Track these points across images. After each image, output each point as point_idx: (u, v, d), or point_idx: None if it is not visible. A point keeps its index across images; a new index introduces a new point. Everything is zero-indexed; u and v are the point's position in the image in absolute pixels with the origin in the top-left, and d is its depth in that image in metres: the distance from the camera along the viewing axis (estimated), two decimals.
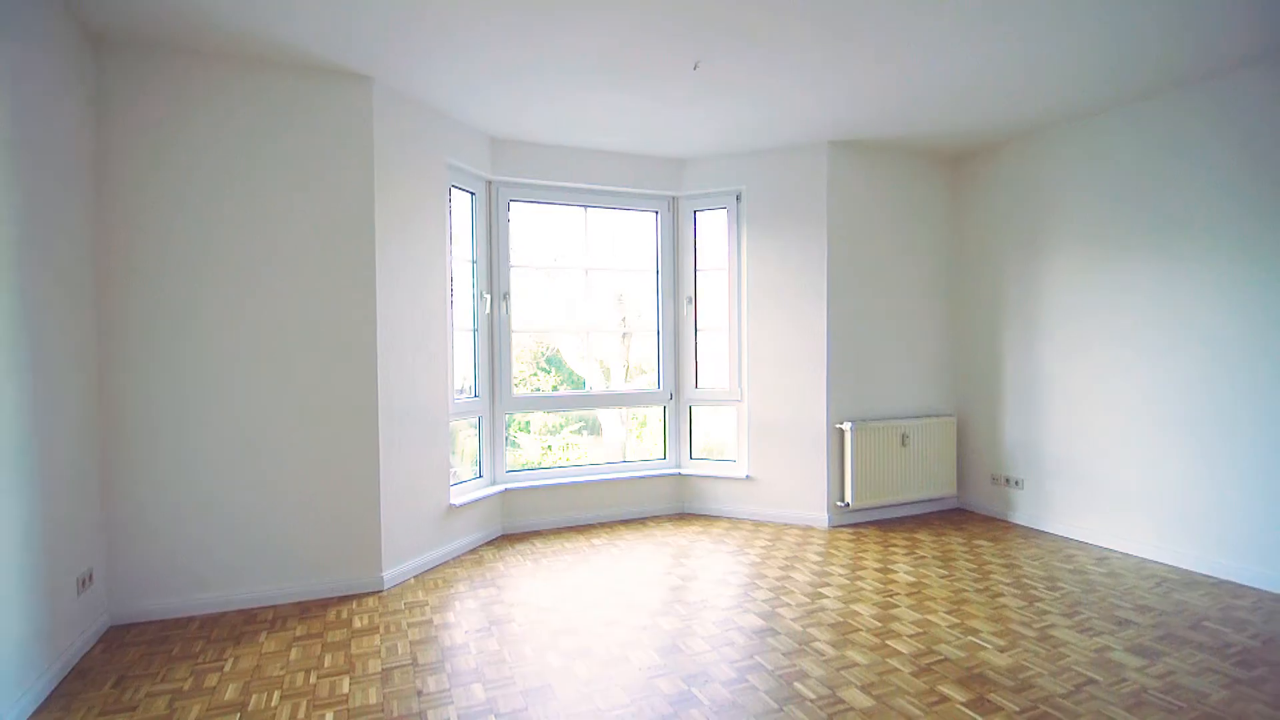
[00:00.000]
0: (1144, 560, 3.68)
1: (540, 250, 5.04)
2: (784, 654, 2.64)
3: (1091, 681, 2.40)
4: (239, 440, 3.11)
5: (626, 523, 4.59)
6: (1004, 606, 3.09)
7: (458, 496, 3.96)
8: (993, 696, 2.31)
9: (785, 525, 4.49)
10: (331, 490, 3.27)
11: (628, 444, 6.20)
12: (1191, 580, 3.37)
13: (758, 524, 4.52)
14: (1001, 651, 2.64)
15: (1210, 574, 3.43)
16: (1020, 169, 4.43)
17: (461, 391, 4.26)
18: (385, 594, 3.32)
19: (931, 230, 4.85)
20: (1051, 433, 4.25)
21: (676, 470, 4.84)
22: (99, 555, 2.87)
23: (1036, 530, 4.30)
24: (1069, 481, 4.15)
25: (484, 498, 4.14)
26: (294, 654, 2.68)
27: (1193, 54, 3.12)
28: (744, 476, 4.65)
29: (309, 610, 3.11)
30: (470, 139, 4.03)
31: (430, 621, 2.98)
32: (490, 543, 4.17)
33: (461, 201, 4.20)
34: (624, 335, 5.92)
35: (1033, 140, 4.33)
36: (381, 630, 2.90)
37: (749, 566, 3.67)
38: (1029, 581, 3.40)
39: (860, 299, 4.55)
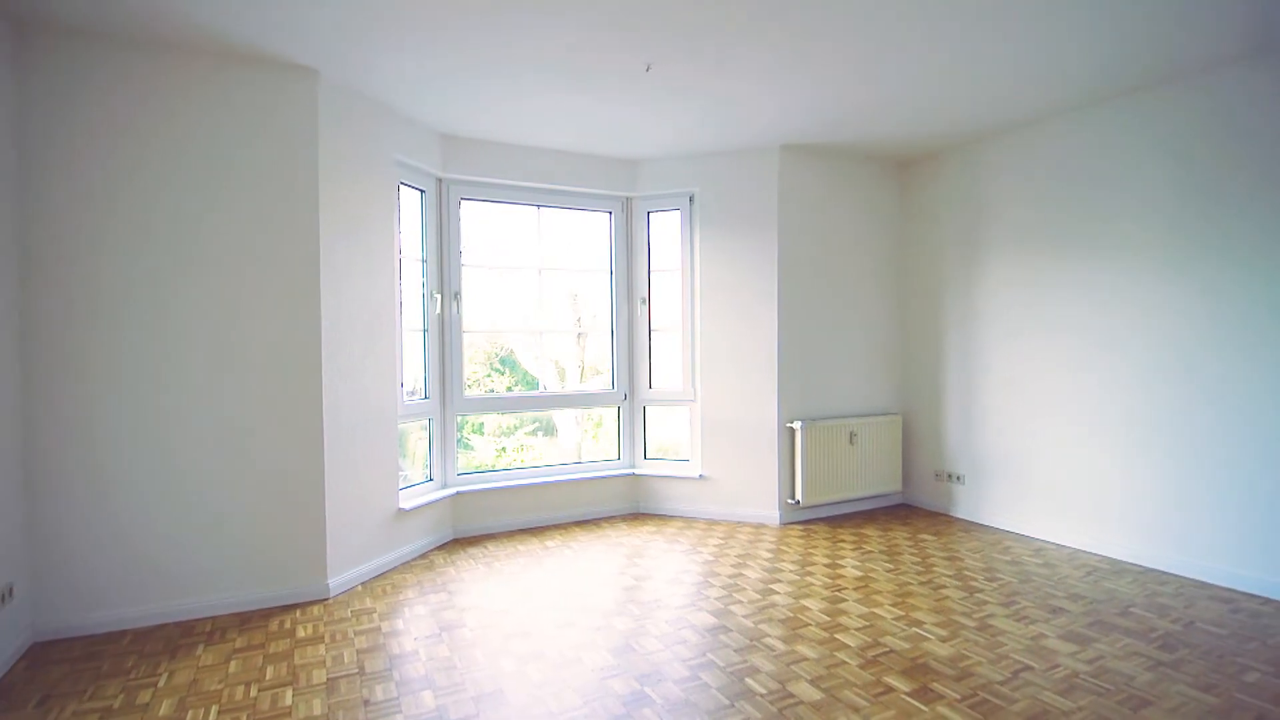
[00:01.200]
0: (1076, 551, 3.86)
1: (493, 249, 4.99)
2: (736, 650, 2.67)
3: (1027, 668, 2.51)
4: (174, 445, 2.99)
5: (581, 524, 4.58)
6: (946, 598, 3.20)
7: (407, 500, 3.88)
8: (935, 685, 2.39)
9: (738, 523, 4.55)
10: (273, 496, 3.17)
11: (583, 445, 6.18)
12: (1120, 569, 3.55)
13: (711, 522, 4.57)
14: (944, 642, 2.73)
15: (1137, 563, 3.62)
16: (962, 175, 4.59)
17: (412, 393, 4.18)
18: (331, 602, 3.23)
19: (879, 234, 4.98)
20: (990, 430, 4.42)
21: (631, 471, 4.85)
22: (20, 568, 2.71)
23: (977, 524, 4.47)
24: (1006, 477, 4.32)
25: (435, 501, 4.07)
26: (233, 666, 2.58)
27: (1120, 69, 3.29)
28: (697, 476, 4.70)
29: (250, 621, 3.01)
30: (420, 136, 3.96)
31: (378, 629, 2.92)
32: (441, 547, 4.10)
33: (411, 199, 4.12)
34: (579, 335, 5.90)
35: (973, 148, 4.50)
36: (327, 639, 2.82)
37: (702, 565, 3.71)
38: (969, 573, 3.53)
39: (810, 300, 4.64)
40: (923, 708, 2.24)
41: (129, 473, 2.92)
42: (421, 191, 4.16)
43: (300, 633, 2.88)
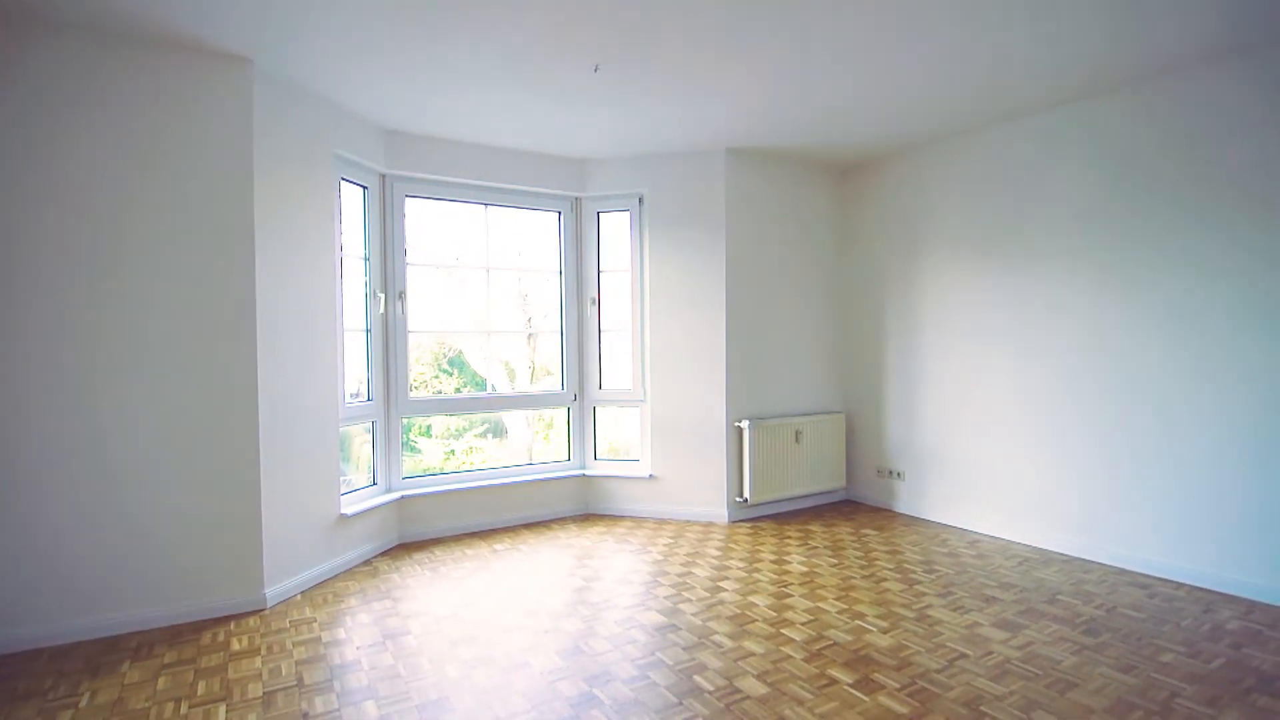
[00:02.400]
0: (1009, 542, 4.03)
1: (440, 248, 4.90)
2: (684, 648, 2.69)
3: (963, 656, 2.61)
4: (95, 452, 2.82)
5: (530, 526, 4.54)
6: (887, 590, 3.29)
7: (350, 506, 3.78)
8: (876, 676, 2.46)
9: (687, 522, 4.59)
10: (205, 504, 3.03)
11: (534, 446, 6.13)
12: (1048, 559, 3.73)
13: (661, 522, 4.59)
14: (884, 633, 2.82)
15: (1064, 553, 3.80)
16: (902, 181, 4.74)
17: (356, 395, 4.07)
18: (268, 612, 3.11)
19: (823, 237, 5.10)
20: (928, 428, 4.58)
21: (581, 472, 4.83)
22: None
23: (917, 518, 4.62)
24: (944, 473, 4.48)
25: (378, 506, 3.97)
26: (162, 683, 2.46)
27: (1053, 80, 3.45)
28: (647, 476, 4.71)
29: (180, 635, 2.87)
30: (362, 130, 3.85)
31: (318, 639, 2.83)
32: (386, 553, 4.00)
33: (353, 195, 4.01)
34: (529, 336, 5.84)
35: (912, 155, 4.65)
36: (263, 651, 2.71)
37: (652, 564, 3.72)
38: (909, 566, 3.64)
39: (757, 301, 4.72)
40: (864, 698, 2.31)
41: (45, 482, 2.75)
42: (364, 188, 4.05)
43: (235, 645, 2.77)
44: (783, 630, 2.86)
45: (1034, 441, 3.95)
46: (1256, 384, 3.09)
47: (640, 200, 4.76)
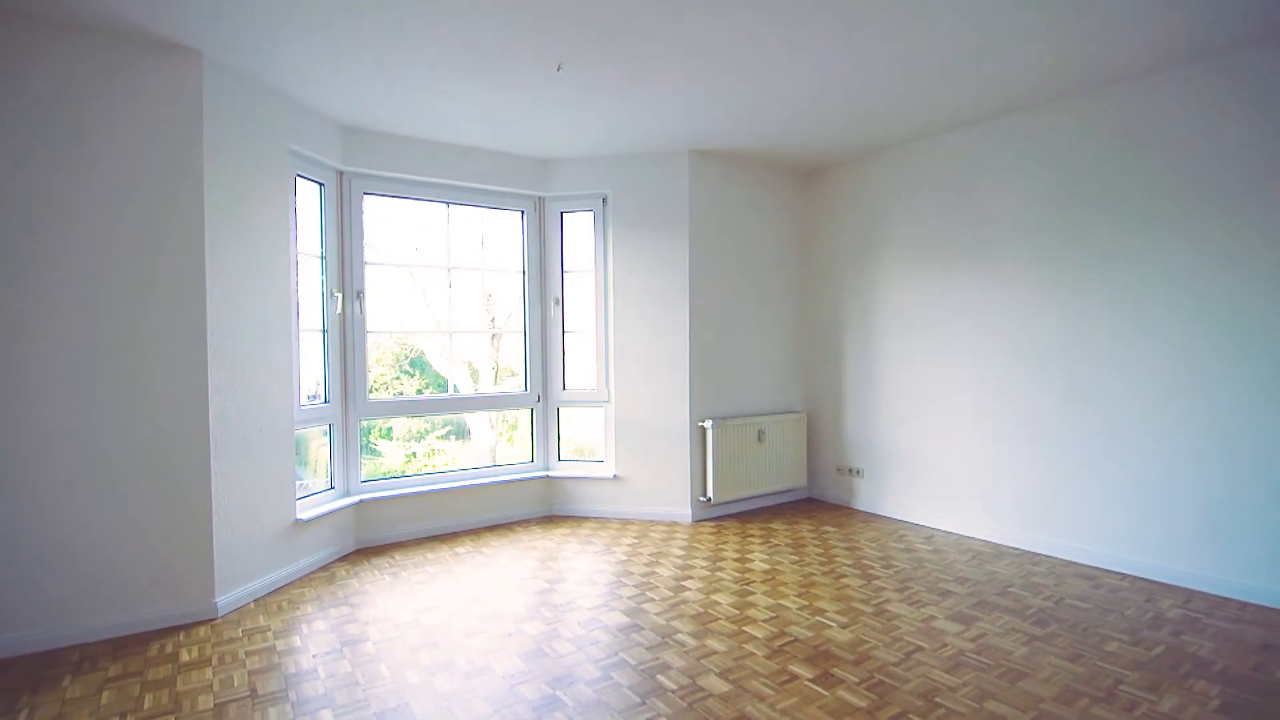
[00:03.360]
0: (962, 537, 4.14)
1: (401, 247, 4.81)
2: (648, 648, 2.70)
3: (919, 649, 2.67)
4: (36, 458, 2.70)
5: (493, 528, 4.49)
6: (847, 586, 3.36)
7: (306, 510, 3.68)
8: (836, 670, 2.50)
9: (651, 522, 4.60)
10: (153, 511, 2.92)
11: (498, 448, 6.07)
12: (1000, 552, 3.84)
13: (625, 522, 4.60)
14: (844, 628, 2.87)
15: (1015, 546, 3.92)
16: (860, 185, 4.83)
17: (314, 397, 3.97)
18: (220, 622, 3.02)
19: (785, 238, 5.16)
20: (886, 425, 4.68)
21: (545, 473, 4.80)
22: None
23: (876, 515, 4.71)
24: (901, 469, 4.59)
25: (336, 510, 3.88)
26: (106, 698, 2.37)
27: (1005, 89, 3.55)
28: (611, 476, 4.71)
29: (125, 647, 2.76)
30: (318, 125, 3.76)
31: (273, 648, 2.75)
32: (344, 558, 3.91)
33: (309, 193, 3.91)
34: (493, 337, 5.79)
35: (870, 160, 4.75)
36: (215, 662, 2.63)
37: (616, 565, 3.72)
38: (868, 562, 3.72)
39: (720, 302, 4.75)
40: (824, 693, 2.34)
41: None
42: (321, 185, 3.95)
43: (184, 656, 2.68)
44: (745, 628, 2.89)
45: (986, 439, 4.07)
46: (1201, 381, 3.23)
47: (604, 201, 4.75)
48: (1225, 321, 3.13)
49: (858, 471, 4.90)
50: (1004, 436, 3.99)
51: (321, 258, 3.98)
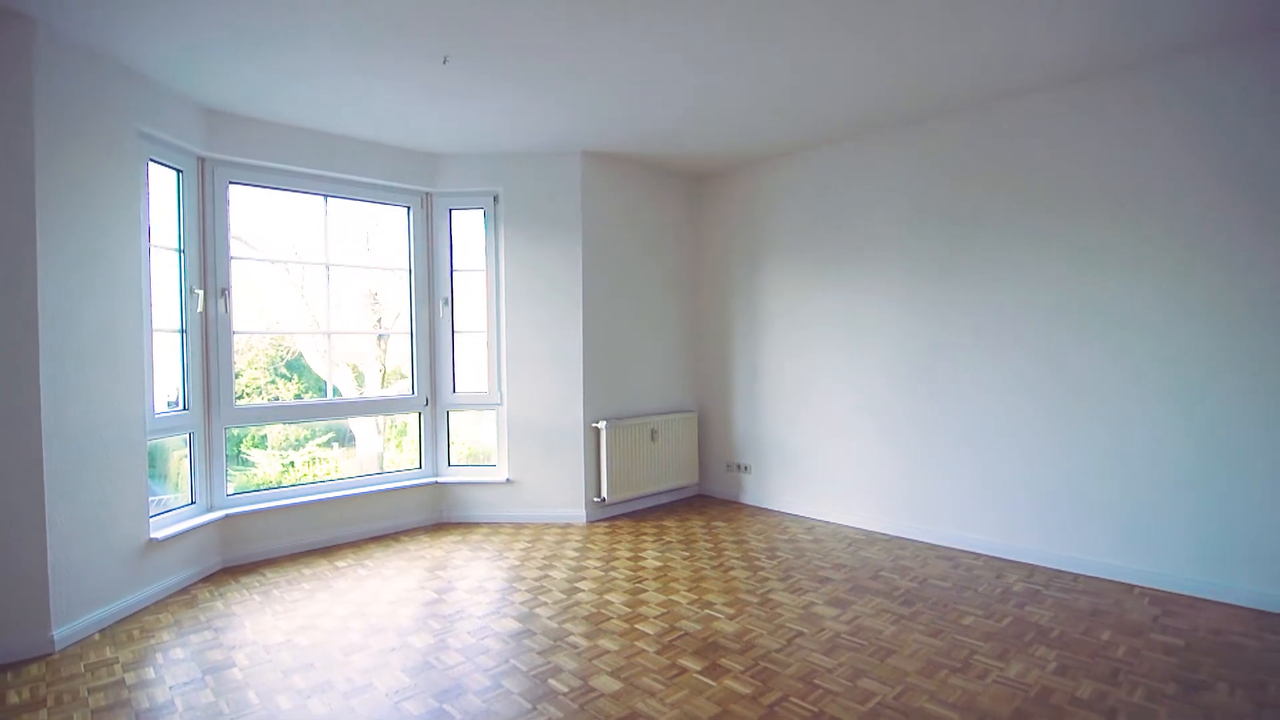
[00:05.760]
0: (841, 526, 4.41)
1: (274, 242, 4.50)
2: (539, 653, 2.67)
3: (800, 634, 2.81)
4: None
5: (378, 539, 4.28)
6: (734, 579, 3.48)
7: (161, 529, 3.35)
8: (723, 661, 2.58)
9: (546, 524, 4.56)
10: None
11: (385, 454, 5.78)
12: (873, 539, 4.11)
13: (519, 526, 4.53)
14: (731, 619, 2.97)
15: (886, 532, 4.21)
16: (746, 192, 5.03)
17: (174, 404, 3.63)
18: (57, 657, 2.69)
19: (676, 242, 5.28)
20: (770, 423, 4.89)
21: (434, 479, 4.64)
22: None
23: (762, 508, 4.92)
24: (784, 464, 4.81)
25: (197, 526, 3.56)
26: None
27: (888, 102, 3.78)
28: (504, 480, 4.62)
29: None
30: (175, 106, 3.44)
31: (121, 682, 2.49)
32: (208, 578, 3.60)
33: (165, 180, 3.57)
34: (379, 337, 5.53)
35: (754, 168, 4.95)
36: (50, 702, 2.34)
37: (508, 570, 3.66)
38: (754, 554, 3.87)
39: (613, 303, 4.79)
40: (711, 683, 2.41)
41: None
42: (179, 171, 3.62)
43: (13, 699, 2.37)
44: (637, 625, 2.92)
45: (860, 434, 4.35)
46: (1034, 382, 3.60)
47: (495, 199, 4.66)
48: (1072, 317, 3.52)
49: (745, 468, 5.09)
50: (872, 432, 4.27)
51: (180, 251, 3.65)
